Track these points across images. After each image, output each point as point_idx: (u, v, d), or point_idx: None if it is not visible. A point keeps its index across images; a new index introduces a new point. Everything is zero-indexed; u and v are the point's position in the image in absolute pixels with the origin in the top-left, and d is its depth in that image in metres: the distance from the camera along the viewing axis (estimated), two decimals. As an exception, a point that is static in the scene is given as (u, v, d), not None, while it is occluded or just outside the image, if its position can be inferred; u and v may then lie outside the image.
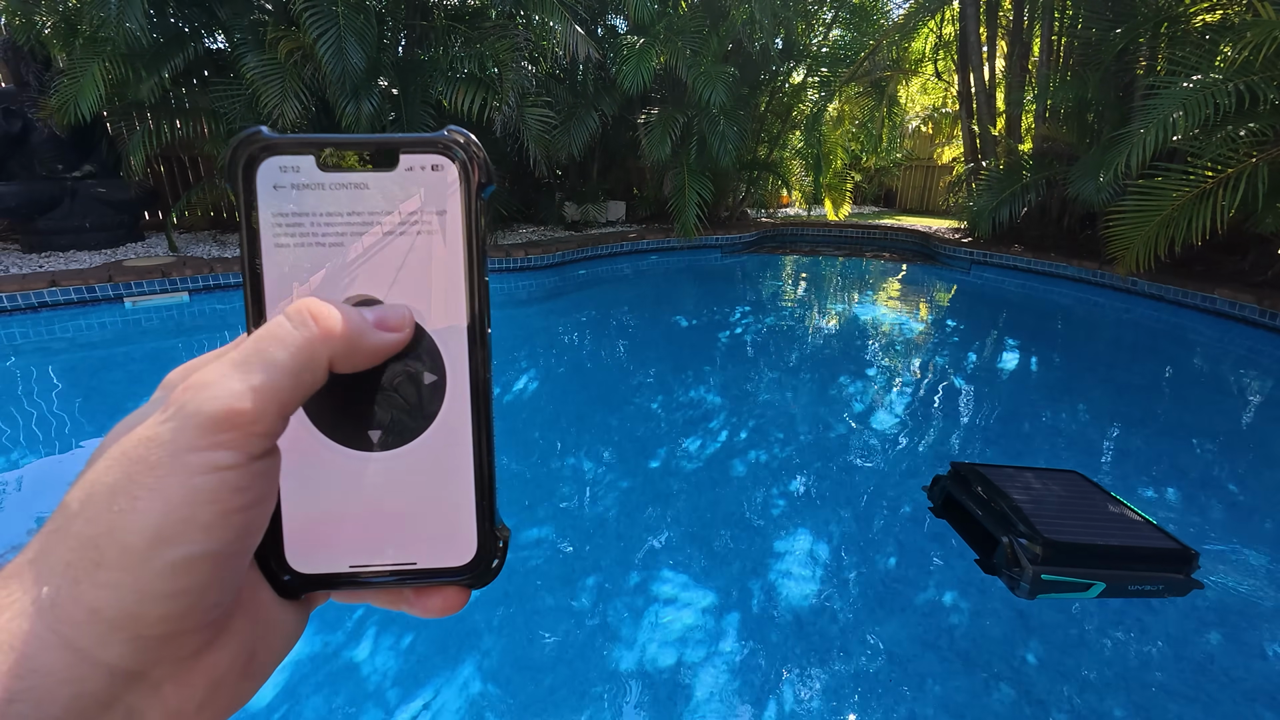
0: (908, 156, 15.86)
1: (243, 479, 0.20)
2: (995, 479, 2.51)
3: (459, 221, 0.25)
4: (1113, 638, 2.21)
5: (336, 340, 0.22)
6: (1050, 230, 9.17)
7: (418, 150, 0.25)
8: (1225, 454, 3.71)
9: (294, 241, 0.25)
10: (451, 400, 0.26)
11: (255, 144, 0.24)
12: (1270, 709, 1.91)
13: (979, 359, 5.56)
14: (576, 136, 8.06)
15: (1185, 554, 2.12)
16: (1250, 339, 5.87)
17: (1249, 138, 5.54)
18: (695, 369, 4.90)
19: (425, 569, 0.26)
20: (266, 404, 0.20)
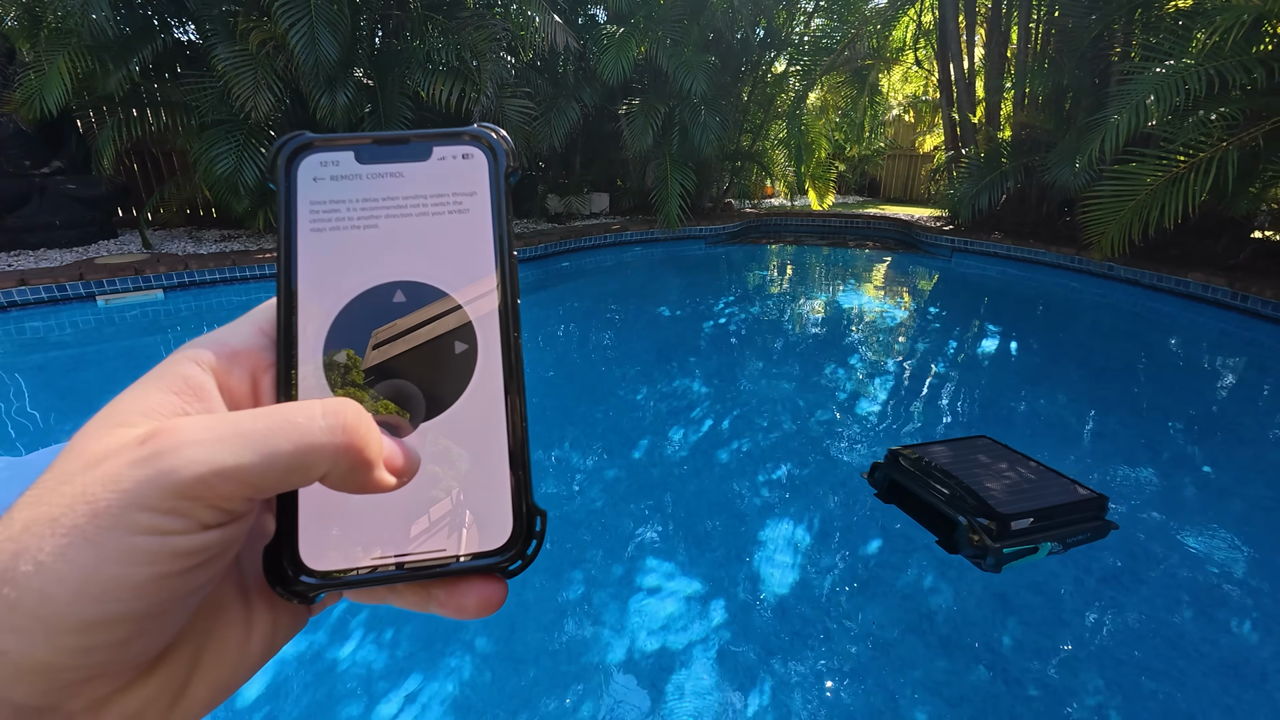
0: (891, 145, 15.93)
1: (189, 545, 0.19)
2: (931, 458, 2.62)
3: (487, 202, 0.26)
4: (1087, 616, 2.25)
5: (342, 459, 0.20)
6: (1029, 217, 9.27)
7: (450, 142, 0.27)
8: (1198, 435, 3.79)
9: (330, 225, 0.25)
10: (483, 370, 0.25)
11: (297, 143, 0.26)
12: (1237, 681, 1.96)
13: (960, 345, 5.62)
14: (557, 127, 8.00)
15: (1101, 500, 2.47)
16: (1223, 321, 5.99)
17: (1220, 122, 5.63)
18: (680, 360, 4.90)
19: (456, 555, 0.24)
20: (240, 488, 0.19)
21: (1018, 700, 1.90)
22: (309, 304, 0.25)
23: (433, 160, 0.26)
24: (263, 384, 0.25)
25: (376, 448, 0.21)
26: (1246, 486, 3.17)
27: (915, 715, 1.86)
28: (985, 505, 2.39)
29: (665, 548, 2.59)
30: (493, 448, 0.25)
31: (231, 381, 0.24)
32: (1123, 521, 2.80)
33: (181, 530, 0.19)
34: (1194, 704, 1.88)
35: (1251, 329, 5.73)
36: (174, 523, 0.18)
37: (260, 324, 0.25)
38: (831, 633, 2.16)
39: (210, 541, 0.19)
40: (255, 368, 0.24)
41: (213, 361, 0.23)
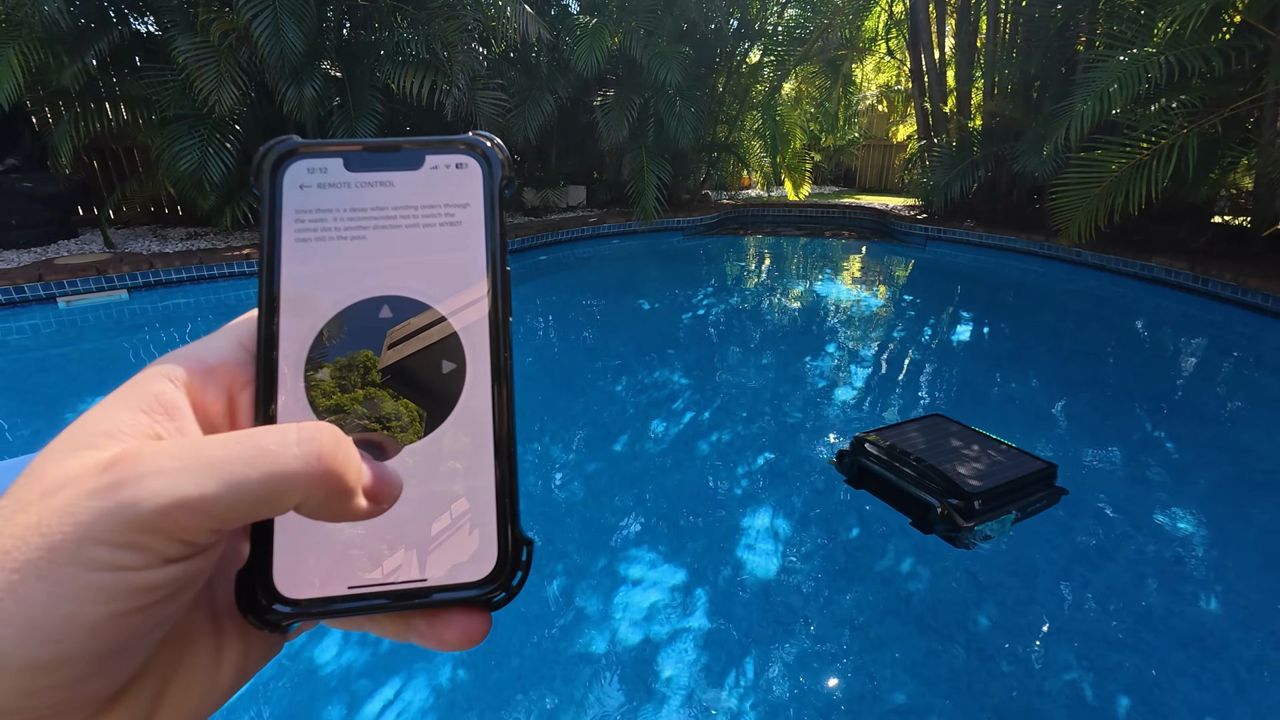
0: (865, 135, 16.05)
1: (150, 580, 0.18)
2: (894, 441, 2.73)
3: (480, 214, 0.25)
4: (1058, 594, 2.31)
5: (316, 488, 0.19)
6: (1000, 205, 9.43)
7: (442, 150, 0.26)
8: (1163, 415, 3.90)
9: (315, 235, 0.24)
10: (471, 392, 0.24)
11: (284, 148, 0.25)
12: (1201, 651, 2.03)
13: (935, 332, 5.71)
14: (531, 119, 7.92)
15: (1051, 469, 2.66)
16: (1185, 304, 6.16)
17: (1180, 109, 5.77)
18: (659, 351, 4.91)
19: (437, 586, 0.23)
20: (206, 520, 0.18)
21: (992, 677, 1.95)
22: (291, 318, 0.24)
23: (425, 169, 0.25)
24: (240, 402, 0.23)
25: (355, 475, 0.20)
26: (1208, 464, 3.28)
27: (894, 696, 1.89)
28: (953, 485, 2.50)
29: (647, 538, 2.59)
30: (479, 473, 0.24)
31: (206, 399, 0.22)
32: (1092, 501, 2.88)
33: (141, 565, 0.17)
34: (1161, 674, 1.94)
35: (1211, 311, 5.91)
36: (133, 557, 0.17)
37: (239, 337, 0.24)
38: (811, 618, 2.18)
39: (173, 576, 0.18)
40: (232, 384, 0.23)
41: (186, 378, 0.22)
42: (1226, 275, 5.96)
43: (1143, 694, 1.87)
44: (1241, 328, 5.51)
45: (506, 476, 0.24)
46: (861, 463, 2.84)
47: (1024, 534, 2.60)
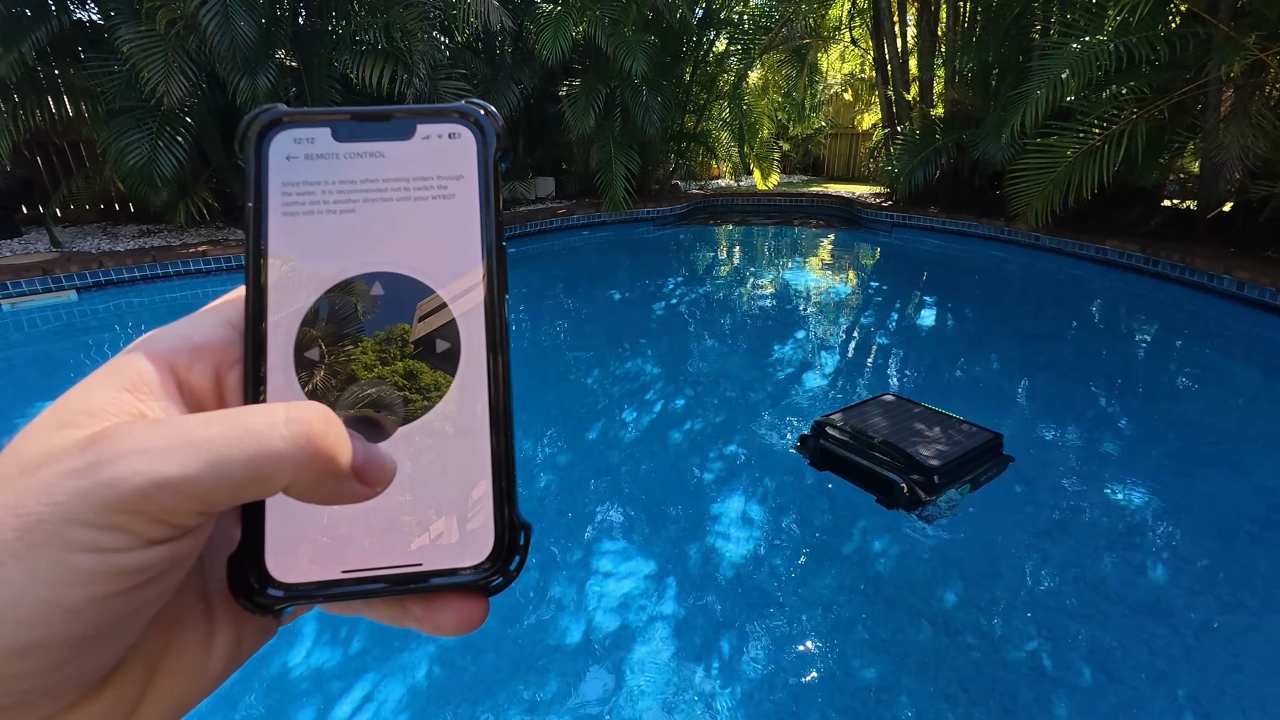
0: (833, 124, 16.19)
1: (131, 563, 0.17)
2: (854, 422, 2.82)
3: (474, 187, 0.24)
4: (1019, 568, 2.39)
5: (305, 471, 0.19)
6: (963, 191, 9.62)
7: (435, 119, 0.25)
8: (1118, 392, 4.04)
9: (304, 210, 0.23)
10: (466, 372, 0.24)
11: (269, 117, 0.24)
12: (1152, 618, 2.12)
13: (901, 317, 5.82)
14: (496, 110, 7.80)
15: (998, 438, 2.83)
16: (1137, 285, 6.38)
17: (1130, 95, 5.95)
18: (631, 341, 4.91)
19: (433, 570, 0.23)
20: (189, 502, 0.17)
21: (958, 652, 2.01)
22: (280, 295, 0.23)
23: (416, 139, 0.24)
24: (228, 381, 0.23)
25: (346, 456, 0.20)
26: (1159, 438, 3.41)
27: (865, 674, 1.94)
28: (914, 461, 2.60)
29: (621, 528, 2.60)
30: (475, 455, 0.23)
31: (193, 378, 0.22)
32: (1051, 477, 2.98)
33: (122, 547, 0.17)
34: (1115, 642, 2.02)
35: (1161, 291, 6.14)
36: (114, 539, 0.17)
37: (226, 315, 0.23)
38: (783, 599, 2.22)
39: (156, 558, 0.18)
40: (220, 363, 0.23)
41: (172, 356, 0.21)
42: (1175, 256, 6.19)
43: (1099, 661, 1.95)
44: (1189, 306, 5.74)
45: (503, 460, 0.24)
46: (823, 445, 2.90)
47: (986, 511, 2.68)
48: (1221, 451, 3.24)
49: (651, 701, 1.83)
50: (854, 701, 1.84)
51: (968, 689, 1.88)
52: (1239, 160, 5.80)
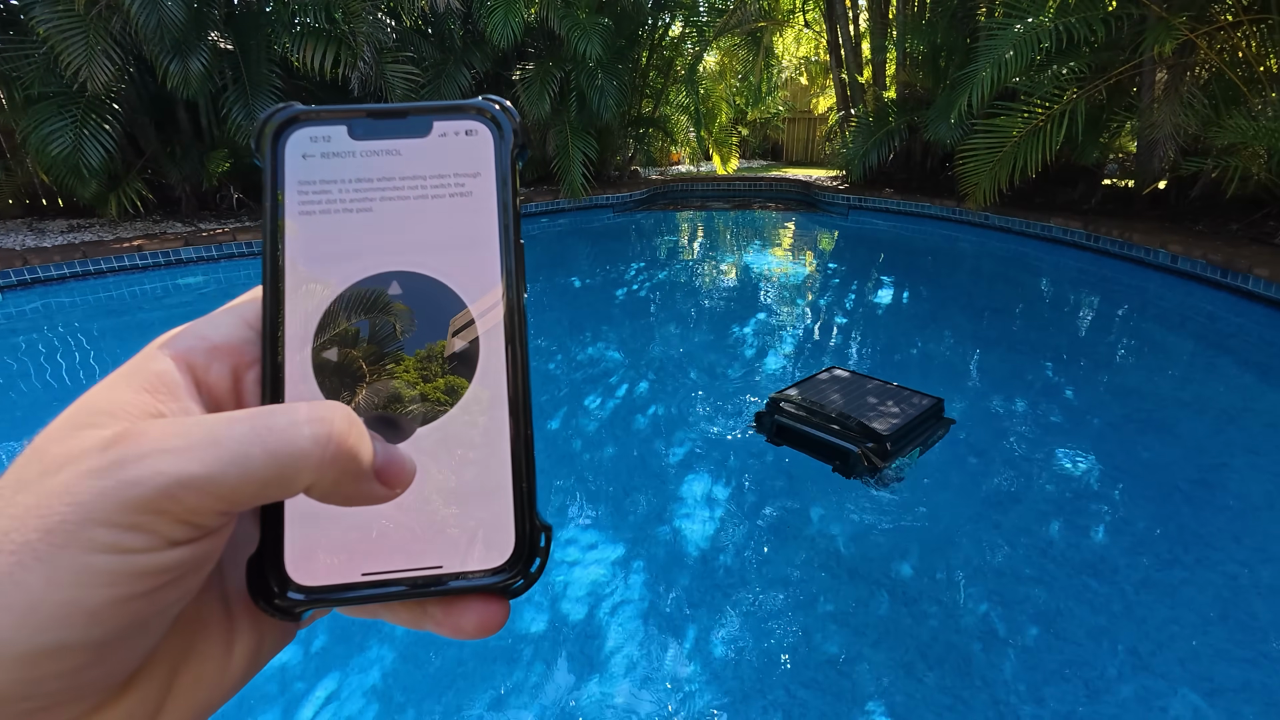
0: (790, 109, 16.29)
1: (154, 564, 0.17)
2: (809, 396, 2.95)
3: (492, 184, 0.24)
4: (972, 535, 2.47)
5: (328, 470, 0.19)
6: (915, 172, 9.81)
7: (451, 116, 0.25)
8: (1064, 364, 4.20)
9: (320, 208, 0.24)
10: (485, 371, 0.23)
11: (284, 115, 0.24)
12: (1095, 578, 2.21)
13: (858, 297, 5.92)
14: (448, 95, 7.58)
15: (941, 403, 2.98)
16: (1080, 261, 6.62)
17: (1070, 75, 6.13)
18: (593, 328, 4.87)
19: (454, 573, 0.23)
20: (211, 501, 0.17)
21: (916, 620, 2.06)
22: (297, 294, 0.23)
23: (433, 136, 0.24)
24: (246, 381, 0.23)
25: (368, 456, 0.20)
26: (1102, 407, 3.56)
27: (827, 647, 1.97)
28: (869, 430, 2.69)
29: (585, 514, 2.59)
30: (494, 456, 0.23)
31: (210, 378, 0.22)
32: (1001, 447, 3.08)
33: (145, 548, 0.17)
34: (1061, 603, 2.10)
35: (1103, 266, 6.39)
36: (136, 539, 0.17)
37: (244, 314, 0.23)
38: (747, 578, 2.24)
39: (179, 559, 0.18)
40: (238, 363, 0.23)
41: (190, 356, 0.21)
42: (1115, 232, 6.44)
43: (1047, 622, 2.03)
44: (1128, 280, 5.99)
45: (523, 460, 0.24)
46: (779, 421, 2.95)
47: (940, 482, 2.75)
48: (1158, 417, 3.40)
49: (619, 685, 1.82)
50: (817, 674, 1.88)
51: (925, 655, 1.93)
52: (1172, 138, 6.05)
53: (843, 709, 1.77)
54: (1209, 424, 3.31)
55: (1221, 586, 2.17)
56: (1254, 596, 2.13)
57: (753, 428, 3.15)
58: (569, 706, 1.76)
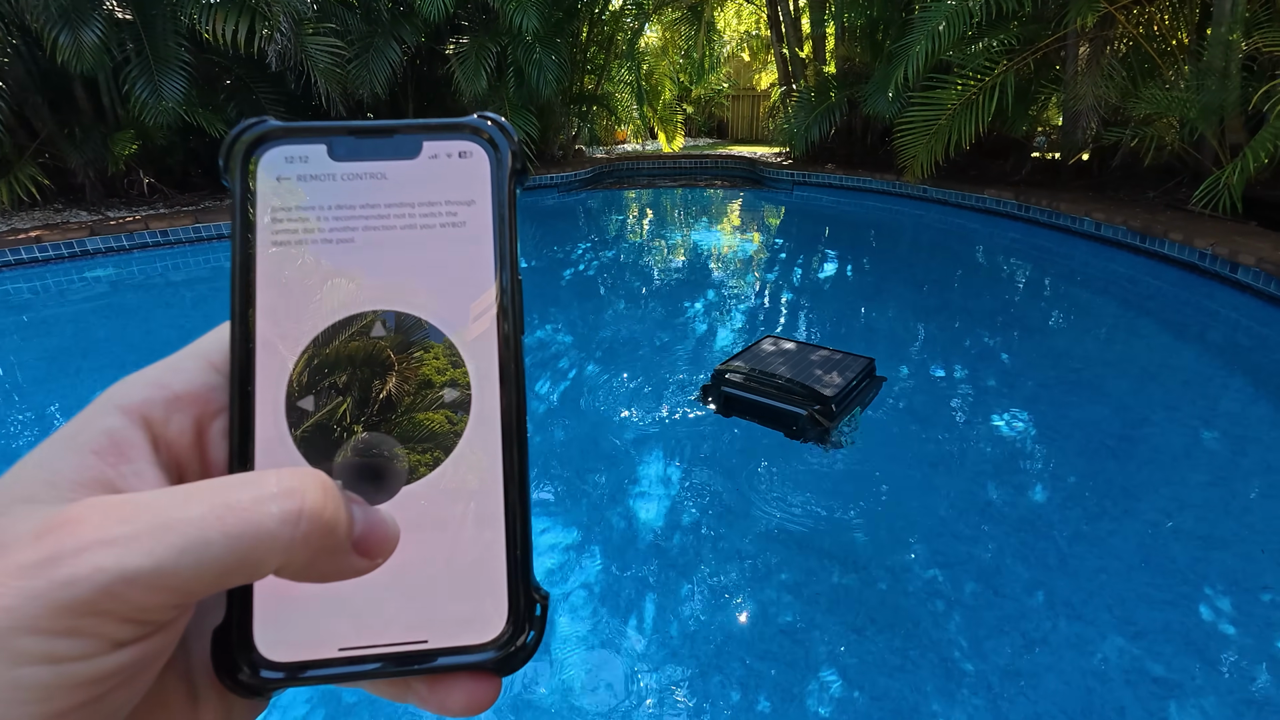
0: (733, 86, 16.28)
1: (96, 671, 0.15)
2: (751, 366, 3.04)
3: (488, 213, 0.22)
4: (916, 501, 2.53)
5: (300, 550, 0.16)
6: (857, 147, 9.96)
7: (443, 135, 0.23)
8: (999, 330, 4.35)
9: (296, 240, 0.21)
10: (477, 425, 0.21)
11: (256, 132, 0.22)
12: (1032, 533, 2.30)
13: (804, 271, 5.99)
14: (377, 70, 7.22)
15: (872, 362, 3.09)
16: (1013, 230, 6.88)
17: (1000, 48, 6.30)
18: (540, 310, 4.77)
19: (440, 649, 0.21)
20: (162, 597, 0.15)
21: (865, 586, 2.10)
22: (270, 335, 0.21)
23: (422, 158, 0.22)
24: (211, 433, 0.21)
25: (345, 530, 0.18)
26: (1035, 369, 3.70)
27: (783, 618, 1.99)
28: (815, 393, 2.76)
29: (539, 495, 2.52)
30: (487, 519, 0.21)
31: (170, 433, 0.20)
32: (942, 412, 3.17)
33: (83, 655, 0.15)
34: (999, 560, 2.18)
35: (1034, 235, 6.65)
36: (73, 646, 0.14)
37: (210, 356, 0.21)
38: (702, 554, 2.24)
39: (124, 662, 0.15)
40: (202, 413, 0.20)
41: (146, 409, 0.19)
42: (1043, 202, 6.70)
43: (986, 579, 2.09)
44: (1056, 248, 6.25)
45: (518, 523, 0.22)
46: (726, 392, 2.96)
47: (885, 448, 2.81)
48: (1086, 377, 3.56)
49: (576, 670, 1.79)
50: (772, 645, 1.89)
51: (874, 619, 1.97)
52: (1094, 110, 6.30)
53: (797, 677, 1.78)
54: (1131, 382, 3.49)
55: (1144, 534, 2.29)
56: (1172, 541, 2.25)
57: (697, 399, 3.16)
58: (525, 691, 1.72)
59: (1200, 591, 2.04)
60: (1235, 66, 5.35)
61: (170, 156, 7.21)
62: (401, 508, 0.21)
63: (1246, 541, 2.25)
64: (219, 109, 6.72)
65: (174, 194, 7.20)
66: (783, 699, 1.72)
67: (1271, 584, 2.06)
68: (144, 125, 6.25)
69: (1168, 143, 6.12)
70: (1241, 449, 2.90)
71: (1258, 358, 3.95)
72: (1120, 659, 1.80)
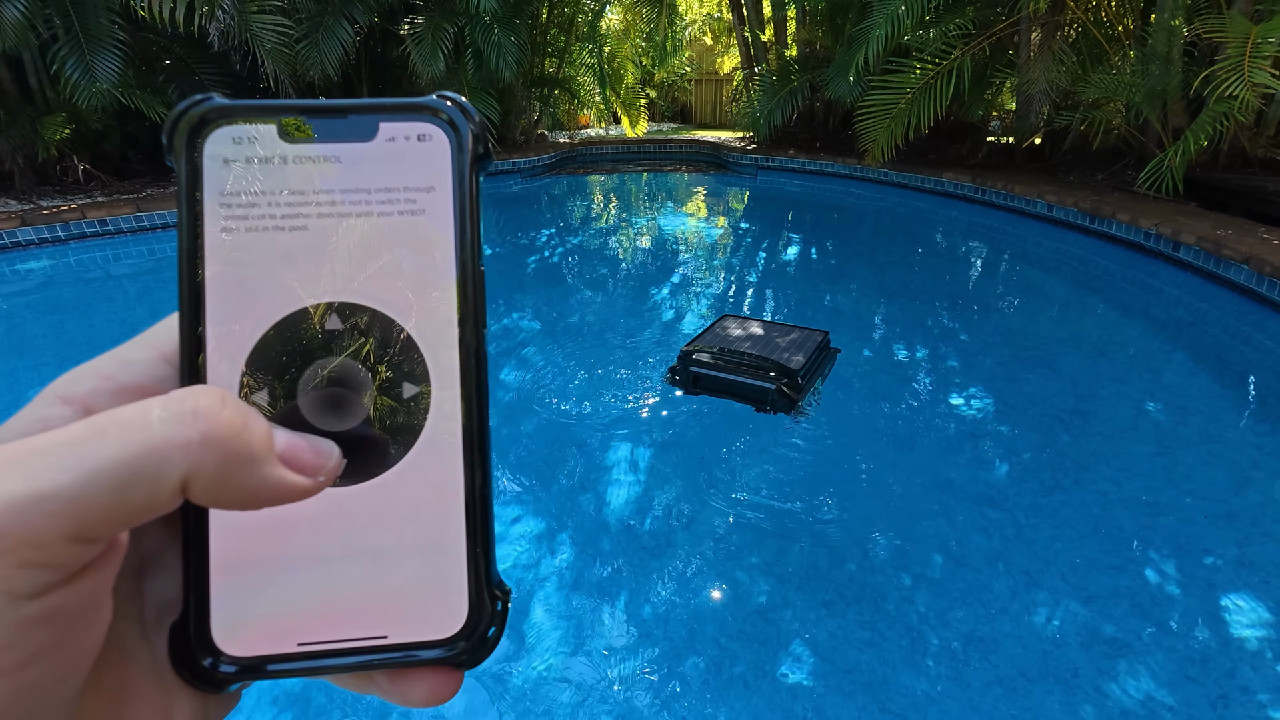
0: (696, 70, 16.21)
1: (7, 623, 0.13)
2: (717, 345, 3.12)
3: (449, 200, 0.22)
4: (880, 479, 2.59)
5: (209, 450, 0.16)
6: (819, 132, 10.04)
7: (401, 116, 0.21)
8: (958, 309, 4.46)
9: (246, 226, 0.21)
10: (437, 418, 0.21)
11: (202, 110, 0.21)
12: (994, 507, 2.38)
13: (769, 255, 6.03)
14: (328, 51, 6.94)
15: (827, 335, 3.23)
16: (970, 213, 7.04)
17: (957, 32, 6.40)
18: (505, 298, 4.70)
19: (400, 643, 0.21)
20: (54, 525, 0.13)
21: (833, 564, 2.14)
22: (221, 329, 0.20)
23: (379, 141, 0.21)
24: None
25: (260, 435, 0.17)
26: (992, 348, 3.81)
27: (756, 598, 2.01)
28: (781, 367, 2.86)
29: (510, 484, 2.50)
30: (447, 514, 0.21)
31: None
32: (903, 393, 3.24)
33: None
34: (960, 532, 2.25)
35: (990, 217, 6.82)
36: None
37: (161, 348, 0.20)
38: (673, 538, 2.25)
39: (36, 616, 0.14)
40: None
41: (91, 400, 0.18)
42: (999, 185, 6.87)
43: (948, 551, 2.16)
44: (1011, 229, 6.43)
45: (478, 519, 0.21)
46: (694, 371, 3.04)
47: (850, 429, 2.86)
48: (1039, 355, 3.68)
49: (551, 659, 1.78)
50: (745, 625, 1.91)
51: (843, 594, 2.01)
52: (1046, 94, 6.46)
53: (769, 654, 1.81)
54: (1082, 358, 3.63)
55: (1094, 504, 2.39)
56: (1121, 510, 2.36)
57: (666, 379, 3.18)
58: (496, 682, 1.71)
59: (1146, 556, 2.14)
60: (1177, 52, 5.55)
61: (107, 141, 6.83)
62: (361, 502, 0.21)
63: (1188, 508, 2.37)
64: (158, 91, 6.38)
65: (112, 181, 6.83)
66: (756, 675, 1.75)
67: (1211, 546, 2.18)
68: (76, 108, 5.89)
69: (1115, 126, 6.33)
70: (1183, 419, 3.05)
71: (1197, 332, 4.15)
72: (1074, 622, 1.88)
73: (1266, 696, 1.66)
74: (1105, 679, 1.71)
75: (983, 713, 1.63)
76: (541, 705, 1.66)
